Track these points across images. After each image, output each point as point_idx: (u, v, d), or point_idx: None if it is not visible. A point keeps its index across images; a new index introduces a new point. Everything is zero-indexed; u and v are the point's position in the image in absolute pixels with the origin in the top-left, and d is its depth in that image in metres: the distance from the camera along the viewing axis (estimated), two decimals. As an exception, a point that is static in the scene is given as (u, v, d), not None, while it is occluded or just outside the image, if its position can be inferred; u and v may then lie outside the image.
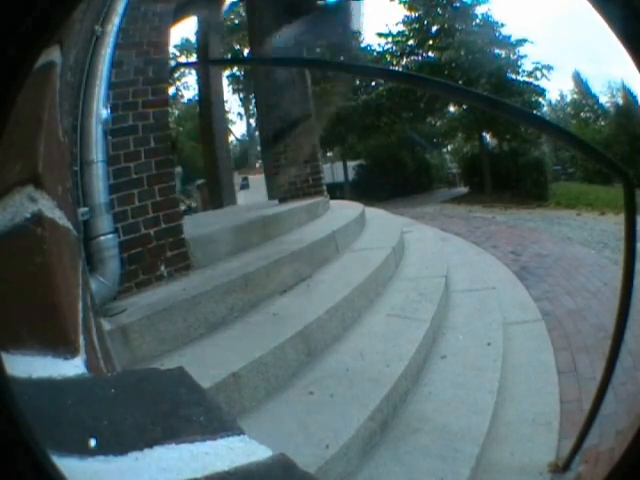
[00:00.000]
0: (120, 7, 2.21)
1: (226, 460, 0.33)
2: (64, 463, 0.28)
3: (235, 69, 18.62)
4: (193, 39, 10.77)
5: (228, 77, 18.67)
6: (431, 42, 12.80)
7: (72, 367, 0.39)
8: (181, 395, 0.41)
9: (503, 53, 12.14)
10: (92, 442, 0.32)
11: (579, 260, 4.52)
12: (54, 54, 0.52)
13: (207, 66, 7.17)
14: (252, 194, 11.01)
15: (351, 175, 15.45)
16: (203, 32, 7.15)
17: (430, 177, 15.62)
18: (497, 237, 6.00)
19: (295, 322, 1.89)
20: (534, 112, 8.53)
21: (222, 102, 7.93)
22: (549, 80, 12.55)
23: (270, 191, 5.21)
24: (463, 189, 13.79)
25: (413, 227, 5.01)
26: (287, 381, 1.69)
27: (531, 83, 11.97)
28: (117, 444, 0.32)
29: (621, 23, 0.34)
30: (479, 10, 12.33)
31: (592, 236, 5.74)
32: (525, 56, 12.05)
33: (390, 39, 13.57)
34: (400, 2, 12.61)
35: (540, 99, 12.51)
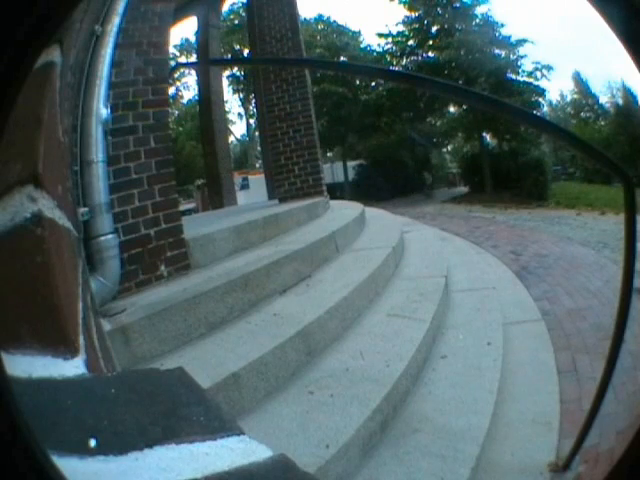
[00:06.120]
0: (120, 7, 2.21)
1: (226, 460, 0.33)
2: (64, 463, 0.28)
3: (235, 69, 18.64)
4: (193, 39, 10.79)
5: (228, 77, 18.71)
6: (431, 42, 12.83)
7: (72, 367, 0.39)
8: (181, 395, 0.41)
9: (503, 53, 12.16)
10: (92, 442, 0.32)
11: (579, 260, 4.52)
12: (54, 54, 0.52)
13: (207, 66, 7.17)
14: (252, 194, 11.02)
15: (351, 175, 15.46)
16: (203, 32, 7.16)
17: (430, 177, 15.64)
18: (497, 237, 6.01)
19: (295, 322, 1.89)
20: (534, 112, 8.52)
21: (222, 102, 7.94)
22: (549, 80, 12.61)
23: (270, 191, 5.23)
24: (463, 189, 13.82)
25: (413, 227, 5.02)
26: (287, 381, 1.69)
27: (531, 83, 11.99)
28: (117, 444, 0.32)
29: (621, 23, 0.34)
30: (479, 10, 12.37)
31: (592, 236, 5.74)
32: (525, 56, 12.09)
33: (390, 39, 13.61)
34: (400, 2, 12.63)
35: (540, 99, 12.54)
